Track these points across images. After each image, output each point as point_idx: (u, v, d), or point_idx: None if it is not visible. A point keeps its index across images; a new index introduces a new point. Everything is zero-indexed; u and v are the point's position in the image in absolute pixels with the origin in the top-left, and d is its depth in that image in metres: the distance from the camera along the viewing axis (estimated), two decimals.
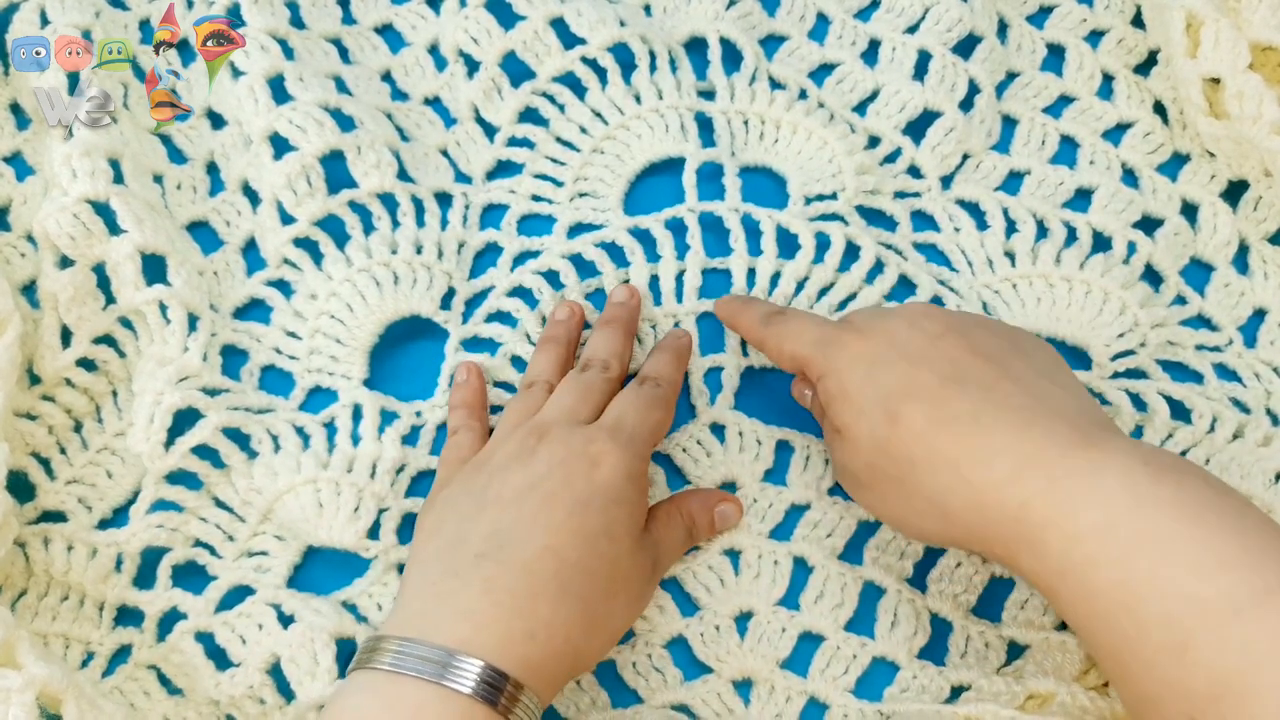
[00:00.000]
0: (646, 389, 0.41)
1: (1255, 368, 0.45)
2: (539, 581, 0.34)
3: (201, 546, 0.42)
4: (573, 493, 0.36)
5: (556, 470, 0.37)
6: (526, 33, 0.48)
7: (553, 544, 0.35)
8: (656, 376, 0.42)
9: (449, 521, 0.37)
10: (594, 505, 0.36)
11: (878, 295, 0.45)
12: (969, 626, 0.40)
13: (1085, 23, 0.52)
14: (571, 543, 0.35)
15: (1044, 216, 0.47)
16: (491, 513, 0.36)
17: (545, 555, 0.35)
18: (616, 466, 0.37)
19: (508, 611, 0.34)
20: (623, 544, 0.37)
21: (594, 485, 0.36)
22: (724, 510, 0.41)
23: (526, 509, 0.36)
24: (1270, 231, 0.47)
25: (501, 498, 0.37)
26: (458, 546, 0.36)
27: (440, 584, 0.35)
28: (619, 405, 0.40)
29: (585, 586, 0.35)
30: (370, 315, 0.45)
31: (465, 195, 0.48)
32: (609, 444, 0.37)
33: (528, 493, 0.36)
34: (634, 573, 0.37)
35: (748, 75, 0.49)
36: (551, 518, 0.36)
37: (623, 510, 0.37)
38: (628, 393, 0.41)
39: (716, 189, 0.47)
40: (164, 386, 0.41)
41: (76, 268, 0.43)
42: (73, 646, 0.40)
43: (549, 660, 0.34)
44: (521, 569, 0.34)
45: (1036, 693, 0.37)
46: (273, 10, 0.49)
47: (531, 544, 0.35)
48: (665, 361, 0.43)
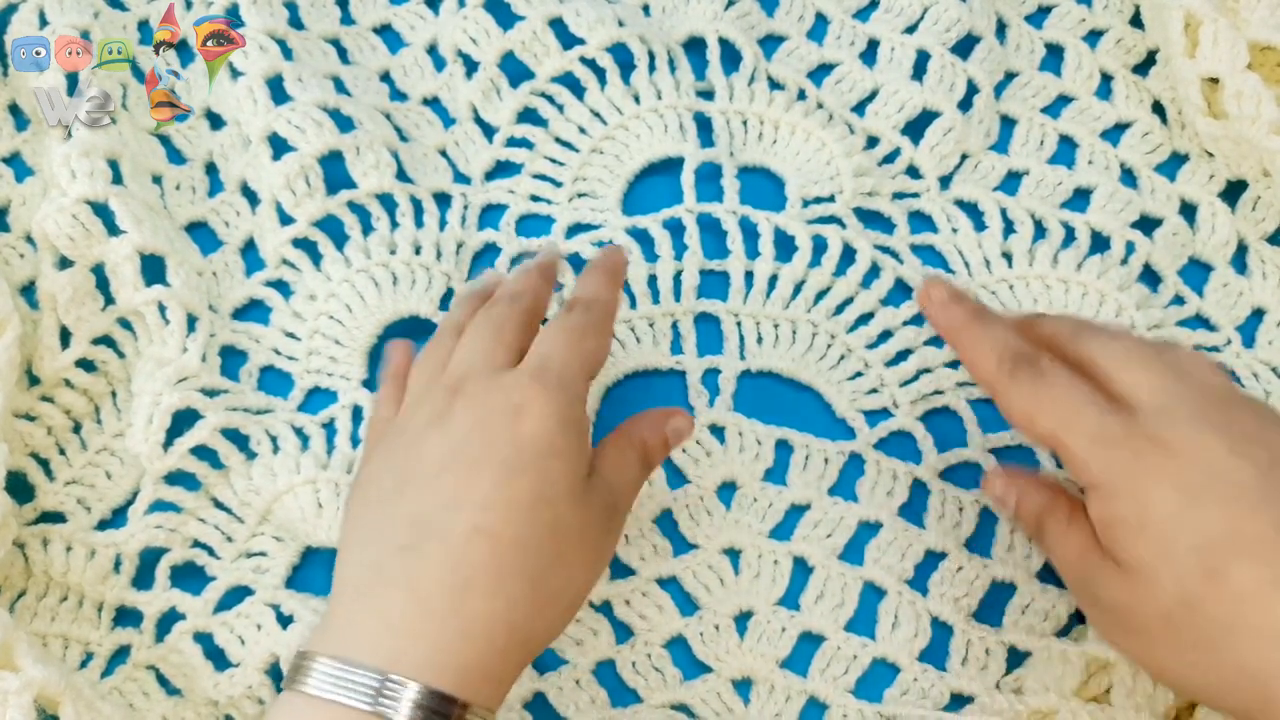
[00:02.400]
0: (575, 315, 0.36)
1: (1254, 368, 0.45)
2: (471, 571, 0.30)
3: (200, 547, 0.42)
4: (498, 455, 0.32)
5: (475, 432, 0.32)
6: (525, 33, 0.48)
7: (482, 523, 0.31)
8: (586, 299, 0.37)
9: (371, 503, 0.33)
10: (524, 465, 0.32)
11: (874, 300, 0.45)
12: (970, 631, 0.40)
13: (1084, 23, 0.52)
14: (505, 517, 0.31)
15: (1042, 216, 0.47)
16: (412, 491, 0.32)
17: (475, 538, 0.30)
18: (545, 415, 0.32)
19: (438, 615, 0.30)
20: (563, 503, 0.32)
21: (520, 441, 0.32)
22: (676, 425, 0.37)
23: (448, 483, 0.32)
24: (1269, 231, 0.47)
25: (420, 470, 0.32)
26: (380, 536, 0.32)
27: (364, 585, 0.31)
28: (542, 341, 0.35)
29: (527, 563, 0.31)
30: (369, 316, 0.45)
31: (464, 195, 0.48)
32: (533, 389, 0.33)
33: (449, 464, 0.32)
34: (585, 530, 0.33)
35: (746, 75, 0.49)
36: (478, 491, 0.31)
37: (558, 463, 0.32)
38: (552, 324, 0.36)
39: (715, 189, 0.47)
40: (163, 387, 0.41)
41: (75, 268, 0.43)
42: (71, 647, 0.40)
43: (492, 658, 0.30)
44: (448, 560, 0.30)
45: (1038, 709, 0.37)
46: (271, 11, 0.49)
47: (457, 528, 0.31)
48: (596, 281, 0.38)
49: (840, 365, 0.44)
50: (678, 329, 0.45)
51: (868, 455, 0.43)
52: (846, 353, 0.44)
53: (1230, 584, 0.29)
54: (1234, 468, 0.30)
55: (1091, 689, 0.38)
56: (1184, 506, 0.30)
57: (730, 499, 0.42)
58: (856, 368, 0.44)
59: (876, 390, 0.44)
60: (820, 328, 0.45)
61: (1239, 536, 0.29)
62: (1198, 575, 0.29)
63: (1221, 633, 0.29)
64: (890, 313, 0.45)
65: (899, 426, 0.43)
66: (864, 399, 0.44)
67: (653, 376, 0.44)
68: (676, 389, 0.44)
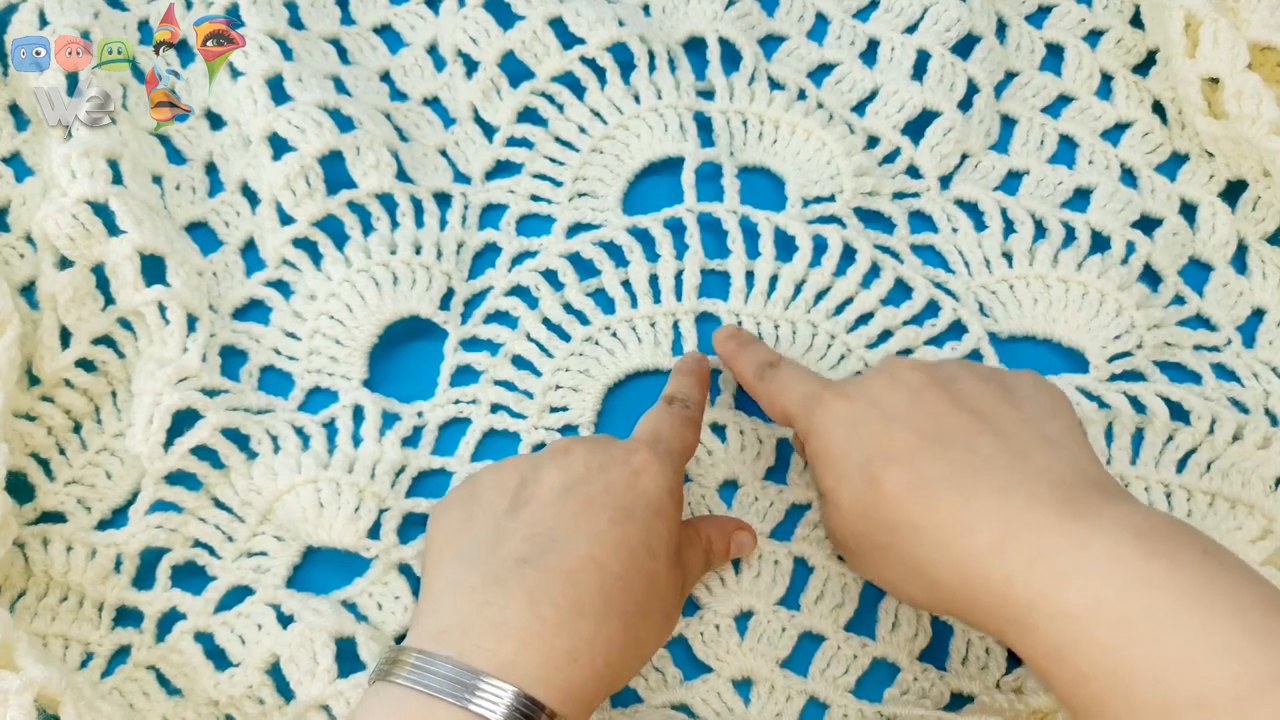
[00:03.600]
0: (677, 409, 0.40)
1: (1254, 368, 0.45)
2: (584, 594, 0.32)
3: (201, 547, 0.42)
4: (615, 500, 0.34)
5: (596, 474, 0.35)
6: (525, 33, 0.48)
7: (596, 554, 0.33)
8: (685, 398, 0.40)
9: (480, 517, 0.35)
10: (637, 516, 0.34)
11: (874, 300, 0.45)
12: (970, 631, 0.40)
13: (1084, 22, 0.52)
14: (615, 554, 0.33)
15: (1042, 216, 0.47)
16: (528, 512, 0.34)
17: (589, 565, 0.33)
18: (658, 478, 0.35)
19: (551, 628, 0.31)
20: (661, 560, 0.35)
21: (636, 495, 0.35)
22: (741, 539, 0.40)
23: (567, 511, 0.34)
24: (1269, 231, 0.47)
25: (538, 497, 0.35)
26: (495, 547, 0.34)
27: (480, 590, 0.32)
28: (653, 421, 0.39)
29: (626, 602, 0.33)
30: (369, 316, 0.45)
31: (464, 195, 0.48)
32: (650, 454, 0.36)
33: (568, 494, 0.35)
34: (669, 591, 0.35)
35: (747, 75, 0.49)
36: (594, 524, 0.34)
37: (662, 525, 0.35)
38: (659, 411, 0.40)
39: (715, 189, 0.47)
40: (163, 387, 0.41)
41: (75, 268, 0.43)
42: (72, 647, 0.40)
43: (589, 683, 0.32)
44: (565, 579, 0.32)
45: (1038, 709, 0.37)
46: (271, 11, 0.49)
47: (575, 551, 0.33)
48: (691, 385, 0.41)
49: (840, 365, 0.44)
50: (679, 328, 0.45)
51: None
52: (846, 352, 0.44)
53: (885, 488, 0.33)
54: (890, 395, 0.35)
55: None
56: (851, 433, 0.35)
57: (732, 498, 0.43)
58: (856, 368, 0.44)
59: None
60: (820, 328, 0.45)
61: (890, 446, 0.34)
62: (864, 487, 0.34)
63: (888, 533, 0.33)
64: (890, 312, 0.45)
65: None
66: None
67: (654, 376, 0.44)
68: None
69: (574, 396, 0.44)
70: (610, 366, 0.44)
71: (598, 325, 0.45)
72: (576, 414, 0.44)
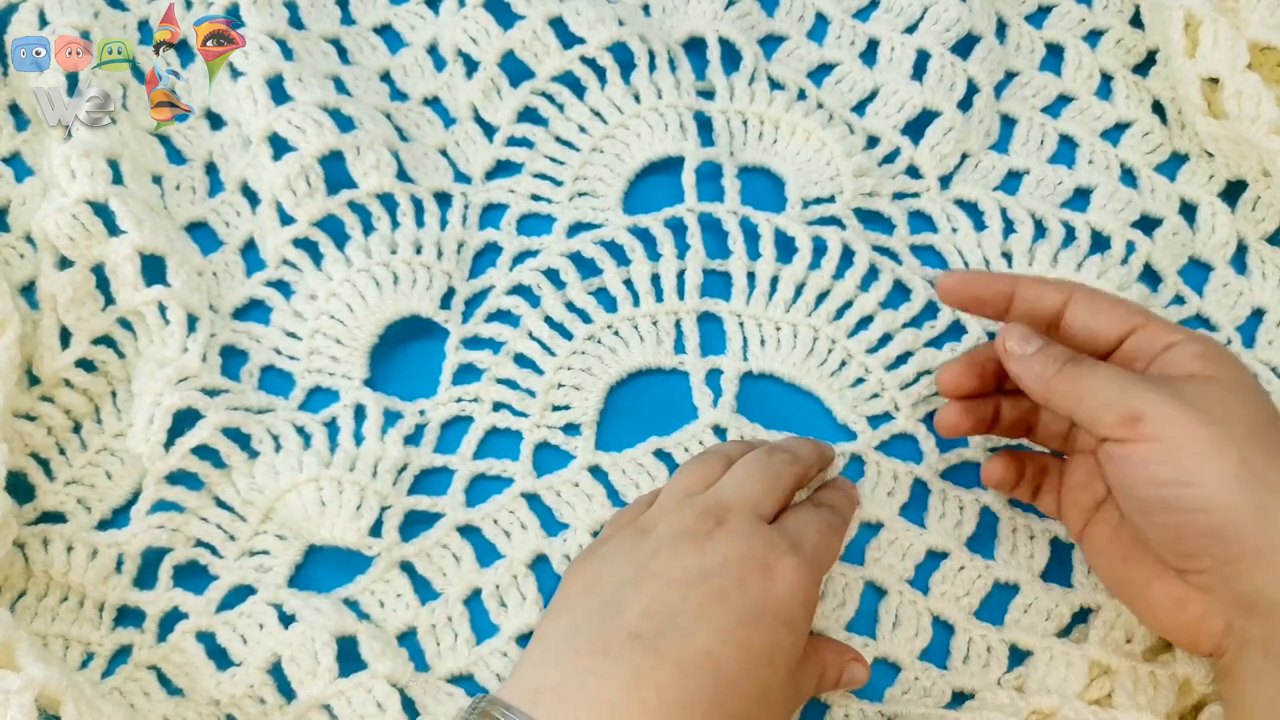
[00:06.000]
0: (826, 514, 0.37)
1: (1254, 368, 0.45)
2: (693, 689, 0.31)
3: (203, 546, 0.42)
4: (746, 599, 0.32)
5: (732, 568, 0.33)
6: (525, 32, 0.48)
7: (715, 651, 0.31)
8: (835, 506, 0.38)
9: (606, 579, 0.34)
10: (764, 621, 0.32)
11: (873, 302, 0.45)
12: (971, 629, 0.40)
13: (1084, 22, 0.52)
14: (734, 656, 0.31)
15: (1042, 216, 0.47)
16: (653, 587, 0.33)
17: (704, 661, 0.31)
18: (795, 585, 0.33)
19: (651, 714, 0.30)
20: (779, 673, 0.33)
21: (768, 598, 0.33)
22: (855, 669, 0.38)
23: (694, 598, 0.32)
24: (1269, 231, 0.47)
25: (667, 574, 0.33)
26: (612, 614, 0.32)
27: (586, 656, 0.31)
28: (801, 519, 0.36)
29: (734, 709, 0.31)
30: (370, 315, 0.45)
31: (464, 195, 0.48)
32: (792, 558, 0.34)
33: (699, 581, 0.33)
34: (779, 707, 0.33)
35: (747, 75, 0.49)
36: (720, 620, 0.32)
37: (789, 637, 0.33)
38: (807, 511, 0.37)
39: (715, 189, 0.47)
40: (163, 387, 0.41)
41: (75, 268, 0.43)
42: (72, 647, 0.40)
43: None
44: (677, 668, 0.31)
45: (1039, 709, 0.37)
46: (271, 11, 0.49)
47: (693, 642, 0.31)
48: (842, 499, 0.39)
49: (841, 372, 0.44)
50: (681, 328, 0.45)
51: (868, 456, 0.43)
52: (848, 358, 0.44)
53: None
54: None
55: (1094, 692, 0.38)
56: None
57: None
58: (858, 374, 0.44)
59: (878, 395, 0.44)
60: (821, 332, 0.45)
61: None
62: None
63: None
64: (890, 315, 0.45)
65: (900, 429, 0.44)
66: (865, 404, 0.44)
67: (656, 375, 0.45)
68: (680, 388, 0.44)
69: (576, 395, 0.44)
70: (613, 365, 0.44)
71: (600, 323, 0.45)
72: (579, 412, 0.44)
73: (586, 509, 0.42)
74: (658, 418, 0.44)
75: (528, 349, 0.44)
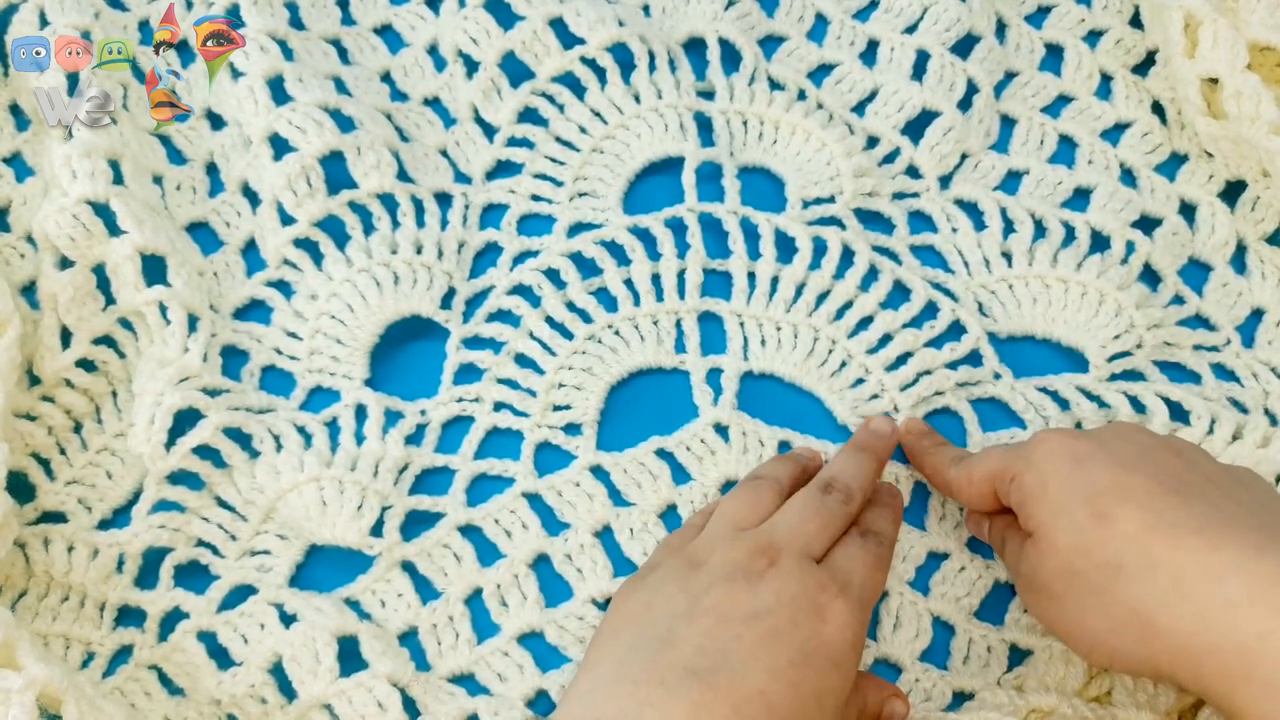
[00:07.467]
0: (872, 545, 0.37)
1: (1253, 368, 0.45)
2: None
3: (204, 546, 0.42)
4: (799, 641, 0.33)
5: (784, 609, 0.33)
6: (525, 33, 0.48)
7: (768, 690, 0.31)
8: (880, 533, 0.38)
9: (657, 609, 0.34)
10: (816, 663, 0.33)
11: (873, 303, 0.45)
12: (971, 630, 0.40)
13: (1084, 23, 0.52)
14: (786, 696, 0.32)
15: (1042, 216, 0.47)
16: (707, 622, 0.33)
17: (758, 700, 0.31)
18: (846, 626, 0.33)
19: None
20: (828, 714, 0.33)
21: (819, 640, 0.33)
22: (895, 706, 0.37)
23: (749, 637, 0.32)
24: (1268, 231, 0.47)
25: (719, 610, 0.33)
26: (666, 647, 0.32)
27: (643, 688, 0.31)
28: (848, 556, 0.36)
29: None
30: (371, 315, 0.45)
31: (465, 195, 0.48)
32: (843, 601, 0.34)
33: (751, 620, 0.33)
34: None
35: (747, 75, 0.49)
36: (773, 660, 0.32)
37: (838, 678, 0.33)
38: (855, 546, 0.37)
39: (715, 189, 0.47)
40: (164, 387, 0.41)
41: (76, 269, 0.43)
42: (73, 647, 0.40)
43: None
44: (732, 706, 0.31)
45: (1038, 708, 0.37)
46: (272, 11, 0.49)
47: (749, 681, 0.31)
48: (887, 519, 0.39)
49: (841, 372, 0.44)
50: (681, 327, 0.45)
51: None
52: (848, 358, 0.44)
53: (1117, 526, 0.32)
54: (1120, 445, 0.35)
55: (1093, 690, 0.38)
56: (1076, 467, 0.34)
57: None
58: (858, 374, 0.44)
59: (878, 396, 0.44)
60: (821, 333, 0.45)
61: (1123, 487, 0.33)
62: (1089, 521, 0.33)
63: (1111, 574, 0.32)
64: (890, 315, 0.45)
65: None
66: (865, 405, 0.44)
67: (656, 375, 0.45)
68: (681, 388, 0.44)
69: (577, 394, 0.44)
70: (614, 364, 0.44)
71: (600, 323, 0.45)
72: (580, 412, 0.44)
73: (588, 509, 0.42)
74: (659, 417, 0.44)
75: (528, 349, 0.44)
